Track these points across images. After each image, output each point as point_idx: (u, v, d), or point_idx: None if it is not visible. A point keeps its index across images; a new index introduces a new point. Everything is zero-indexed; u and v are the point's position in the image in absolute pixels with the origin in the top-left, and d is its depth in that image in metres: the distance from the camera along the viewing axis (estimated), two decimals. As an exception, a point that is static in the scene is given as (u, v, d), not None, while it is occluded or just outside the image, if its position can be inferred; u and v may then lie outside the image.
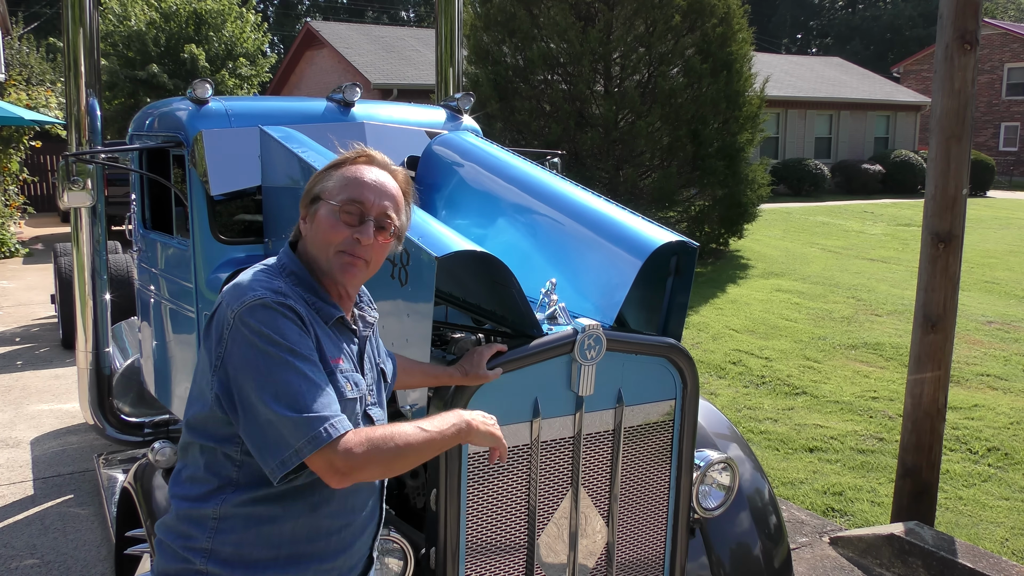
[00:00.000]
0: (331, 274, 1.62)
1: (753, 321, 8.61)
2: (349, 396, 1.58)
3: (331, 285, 1.65)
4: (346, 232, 1.60)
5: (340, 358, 1.60)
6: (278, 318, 1.50)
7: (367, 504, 1.71)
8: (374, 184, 1.64)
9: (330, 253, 1.61)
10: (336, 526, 1.64)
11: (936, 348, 4.02)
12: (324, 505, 1.61)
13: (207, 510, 1.57)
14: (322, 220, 1.61)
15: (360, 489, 1.68)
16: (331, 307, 1.63)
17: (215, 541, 1.57)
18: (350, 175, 1.65)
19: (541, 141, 11.49)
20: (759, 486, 2.94)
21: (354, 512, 1.67)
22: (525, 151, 3.82)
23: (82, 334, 4.35)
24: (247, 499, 1.56)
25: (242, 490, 1.56)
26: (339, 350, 1.62)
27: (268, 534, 1.58)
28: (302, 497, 1.58)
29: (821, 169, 23.20)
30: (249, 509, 1.57)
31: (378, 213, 1.63)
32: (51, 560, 3.87)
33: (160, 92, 17.66)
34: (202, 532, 1.57)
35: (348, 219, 1.61)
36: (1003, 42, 32.10)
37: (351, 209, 1.61)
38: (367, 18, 51.29)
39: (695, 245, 2.44)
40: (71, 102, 4.18)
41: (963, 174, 3.93)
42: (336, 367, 1.58)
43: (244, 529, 1.57)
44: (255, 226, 3.44)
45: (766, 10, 53.42)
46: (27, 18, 28.68)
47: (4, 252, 13.58)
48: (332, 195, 1.62)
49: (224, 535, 1.57)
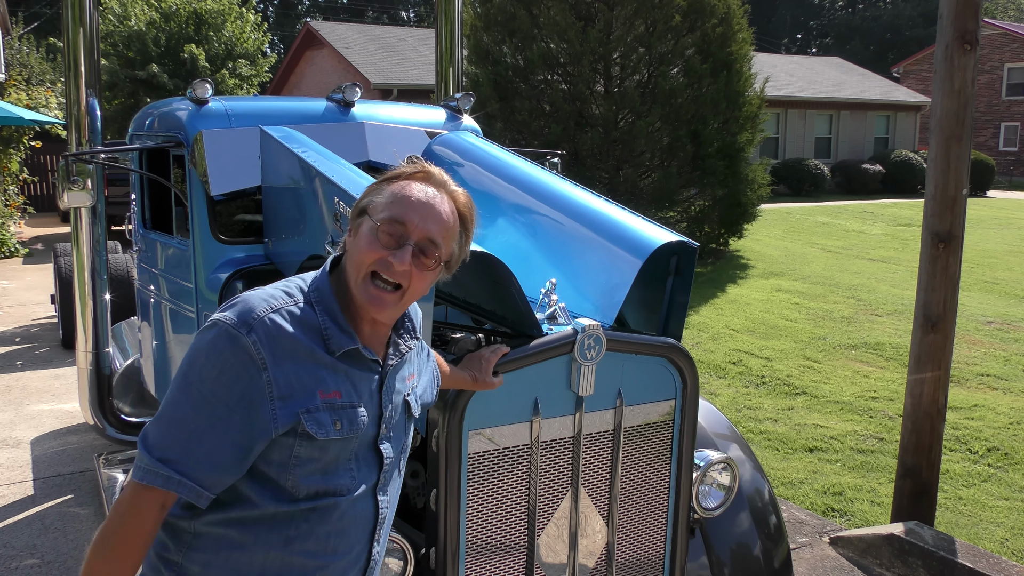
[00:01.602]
0: (360, 302, 1.50)
1: (753, 321, 8.61)
2: (333, 436, 1.46)
3: (362, 310, 1.51)
4: (381, 253, 1.46)
5: (337, 392, 1.48)
6: (222, 349, 1.40)
7: (353, 549, 1.58)
8: (422, 204, 1.50)
9: (360, 276, 1.48)
10: (311, 567, 1.52)
11: (936, 348, 4.02)
12: (299, 541, 1.50)
13: (184, 523, 1.50)
14: (362, 238, 1.49)
15: (347, 530, 1.55)
16: (343, 336, 1.49)
17: (185, 557, 1.49)
18: (399, 192, 1.51)
19: (541, 141, 11.49)
20: (759, 486, 2.94)
21: (336, 555, 1.54)
22: (525, 151, 3.82)
23: (82, 334, 4.35)
24: (220, 519, 1.48)
25: (216, 508, 1.47)
26: (340, 383, 1.49)
27: (237, 562, 1.48)
28: (276, 529, 1.48)
29: (821, 169, 23.20)
30: (221, 531, 1.48)
31: (420, 237, 1.48)
32: (51, 560, 3.87)
33: (160, 92, 17.67)
34: (176, 545, 1.50)
35: (387, 240, 1.47)
36: (1003, 42, 32.10)
37: (391, 230, 1.47)
38: (367, 18, 51.30)
39: (695, 245, 2.44)
40: (71, 102, 4.17)
41: (963, 174, 3.93)
42: (324, 401, 1.46)
43: (214, 551, 1.48)
44: (255, 226, 3.44)
45: (766, 10, 53.42)
46: (27, 18, 28.68)
47: (4, 252, 13.58)
48: (376, 211, 1.49)
49: (194, 553, 1.49)
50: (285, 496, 1.48)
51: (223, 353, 1.40)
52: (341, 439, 1.49)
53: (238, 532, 1.48)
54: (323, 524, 1.51)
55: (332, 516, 1.52)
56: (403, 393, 1.64)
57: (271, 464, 1.46)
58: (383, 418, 1.57)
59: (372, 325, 1.54)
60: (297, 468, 1.46)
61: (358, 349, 1.51)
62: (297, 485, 1.47)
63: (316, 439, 1.44)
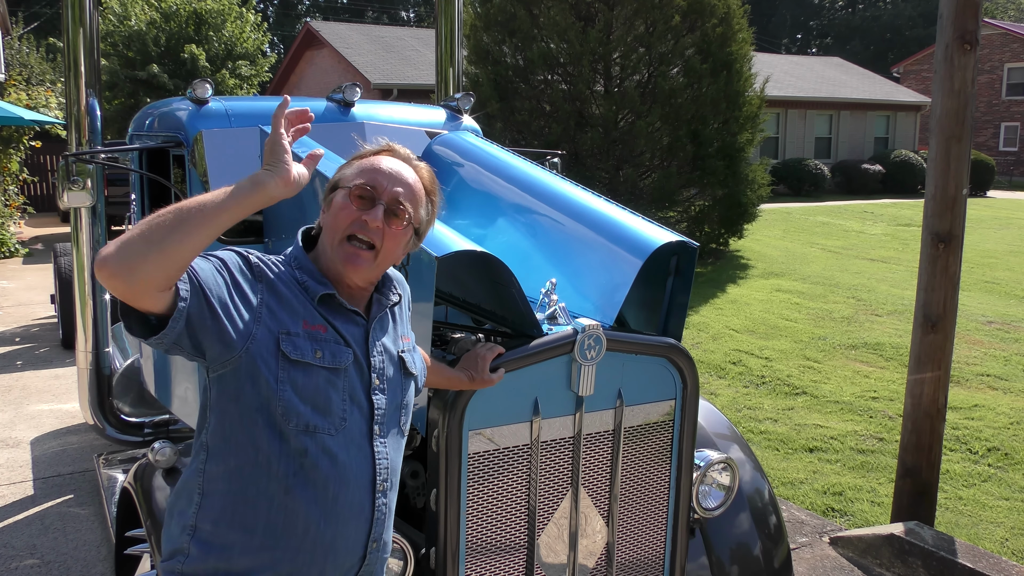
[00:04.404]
0: (337, 265, 1.62)
1: (753, 321, 8.61)
2: (311, 361, 1.56)
3: (339, 275, 1.63)
4: (355, 214, 1.60)
5: (322, 327, 1.59)
6: (227, 251, 1.56)
7: (355, 498, 1.63)
8: (389, 171, 1.66)
9: (336, 239, 1.61)
10: (314, 516, 1.58)
11: (936, 348, 4.02)
12: (299, 489, 1.56)
13: (194, 482, 1.61)
14: (335, 205, 1.63)
15: (346, 477, 1.60)
16: (319, 285, 1.62)
17: (198, 518, 1.59)
18: (367, 164, 1.67)
19: (541, 141, 11.49)
20: (759, 486, 2.94)
21: (337, 503, 1.60)
22: (525, 151, 3.82)
23: (82, 334, 4.35)
24: (221, 471, 1.57)
25: (214, 456, 1.58)
26: (321, 319, 1.60)
27: (243, 517, 1.56)
28: (275, 477, 1.56)
29: (821, 169, 23.20)
30: (224, 486, 1.57)
31: (390, 198, 1.63)
32: (51, 560, 3.87)
33: (160, 92, 17.65)
34: (189, 507, 1.60)
35: (359, 203, 1.61)
36: (1003, 42, 32.09)
37: (362, 192, 1.62)
38: (367, 18, 51.29)
39: (695, 245, 2.44)
40: (71, 102, 4.17)
41: (963, 174, 3.93)
42: (307, 332, 1.57)
43: (221, 507, 1.57)
44: (255, 226, 3.43)
45: (766, 10, 53.41)
46: (27, 18, 28.66)
47: (4, 252, 13.58)
48: (348, 180, 1.65)
49: (205, 512, 1.58)
50: (277, 432, 1.54)
51: (233, 255, 1.56)
52: (324, 368, 1.57)
53: (240, 484, 1.56)
54: (318, 469, 1.57)
55: (325, 460, 1.58)
56: (397, 350, 1.74)
57: (259, 384, 1.53)
58: (372, 367, 1.66)
59: (350, 291, 1.66)
60: (285, 390, 1.54)
61: (335, 296, 1.62)
62: (287, 412, 1.54)
63: (290, 359, 1.53)
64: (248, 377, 1.53)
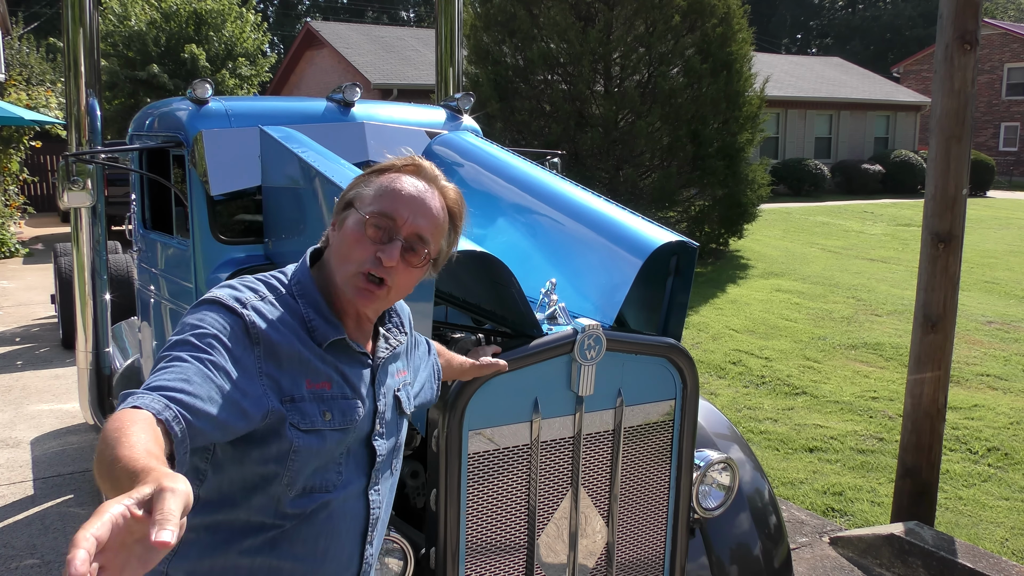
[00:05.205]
0: (346, 294, 1.45)
1: (753, 321, 8.61)
2: (322, 427, 1.41)
3: (347, 303, 1.47)
4: (370, 250, 1.41)
5: (327, 383, 1.43)
6: (217, 313, 1.35)
7: (344, 551, 1.51)
8: (412, 199, 1.44)
9: (348, 272, 1.43)
10: (300, 572, 1.46)
11: (936, 348, 4.02)
12: (286, 544, 1.43)
13: None
14: (348, 231, 1.43)
15: (338, 531, 1.49)
16: (329, 328, 1.44)
17: (170, 566, 1.43)
18: (388, 184, 1.45)
19: (541, 141, 11.49)
20: (759, 486, 2.94)
21: (326, 558, 1.48)
22: (525, 151, 3.82)
23: (82, 334, 4.35)
24: (206, 522, 1.42)
25: (202, 509, 1.41)
26: (328, 375, 1.44)
27: (222, 569, 1.42)
28: (262, 531, 1.42)
29: (821, 169, 23.21)
30: (207, 537, 1.42)
31: (409, 233, 1.43)
32: (51, 560, 3.87)
33: (160, 92, 17.67)
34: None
35: (375, 234, 1.42)
36: (1003, 42, 32.10)
37: (380, 223, 1.42)
38: (367, 18, 51.30)
39: (695, 245, 2.44)
40: (71, 102, 4.18)
41: (963, 174, 3.93)
42: (311, 392, 1.41)
43: (198, 557, 1.42)
44: (255, 226, 3.43)
45: (766, 10, 53.41)
46: (27, 18, 28.68)
47: (4, 252, 13.58)
48: (364, 203, 1.44)
49: (179, 561, 1.43)
50: (276, 497, 1.41)
51: (223, 319, 1.35)
52: (337, 430, 1.43)
53: (222, 537, 1.42)
54: (311, 525, 1.45)
55: (320, 516, 1.46)
56: (393, 388, 1.60)
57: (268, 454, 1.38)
58: (377, 413, 1.53)
59: (357, 319, 1.50)
60: (296, 461, 1.39)
61: (345, 340, 1.46)
62: (293, 481, 1.41)
63: (300, 429, 1.38)
64: (258, 445, 1.39)
